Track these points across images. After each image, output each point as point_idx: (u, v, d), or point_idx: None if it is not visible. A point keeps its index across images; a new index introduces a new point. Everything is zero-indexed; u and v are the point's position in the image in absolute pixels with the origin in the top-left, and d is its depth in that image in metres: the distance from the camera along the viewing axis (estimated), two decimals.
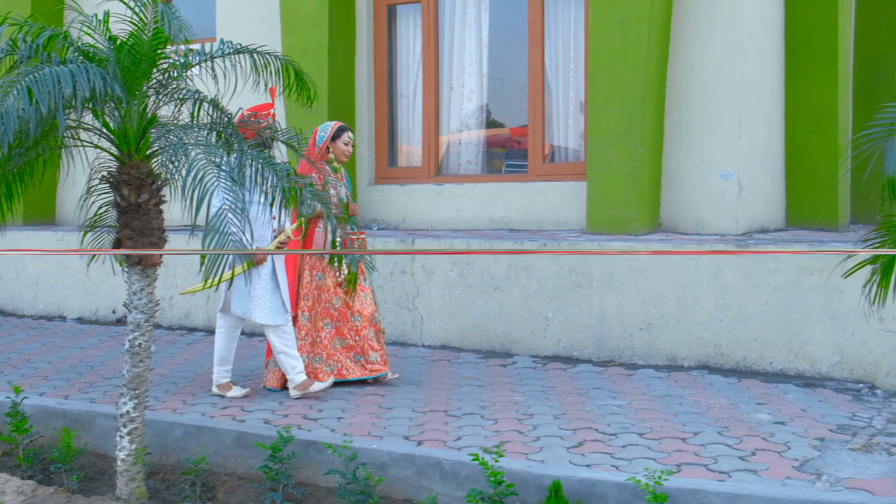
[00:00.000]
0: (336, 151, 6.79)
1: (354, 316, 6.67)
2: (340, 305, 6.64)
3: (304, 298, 6.69)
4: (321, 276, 6.66)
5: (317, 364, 6.67)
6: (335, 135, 6.77)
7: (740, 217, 7.96)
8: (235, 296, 6.36)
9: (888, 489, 4.45)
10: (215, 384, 6.52)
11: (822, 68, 8.63)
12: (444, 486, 4.88)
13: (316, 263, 6.67)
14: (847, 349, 6.58)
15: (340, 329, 6.66)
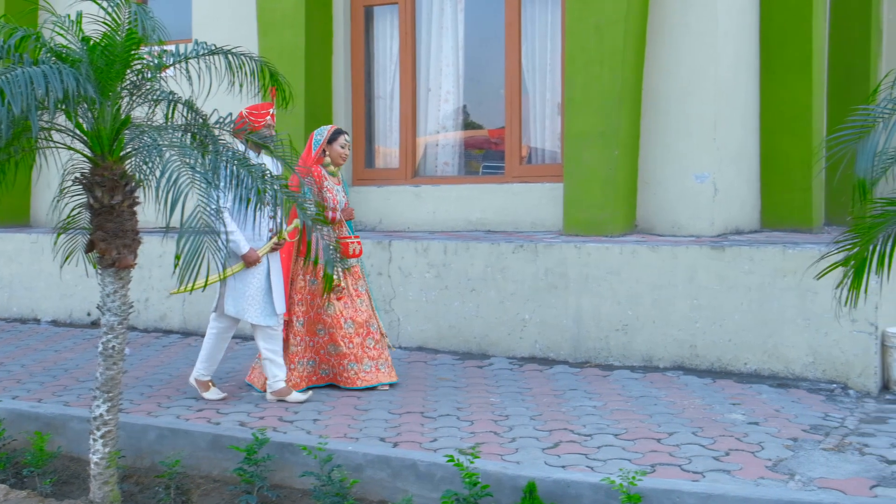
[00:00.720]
0: (332, 155, 6.75)
1: (347, 323, 6.62)
2: (334, 312, 6.59)
3: (299, 304, 6.66)
4: (314, 281, 6.62)
5: (311, 368, 6.66)
6: (331, 138, 6.74)
7: (716, 219, 8.00)
8: (229, 296, 6.31)
9: (860, 489, 4.49)
10: (193, 377, 6.48)
11: (797, 72, 8.69)
12: (419, 487, 4.88)
13: (309, 268, 6.62)
14: (820, 350, 6.63)
15: (334, 335, 6.59)
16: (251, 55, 5.29)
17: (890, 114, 3.80)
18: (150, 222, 5.51)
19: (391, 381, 6.72)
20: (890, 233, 3.97)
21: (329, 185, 6.71)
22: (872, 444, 5.21)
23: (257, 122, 6.26)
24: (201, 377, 6.48)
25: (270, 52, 9.01)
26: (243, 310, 6.28)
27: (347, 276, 6.70)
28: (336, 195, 6.73)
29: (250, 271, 6.26)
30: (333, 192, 6.71)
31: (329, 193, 6.67)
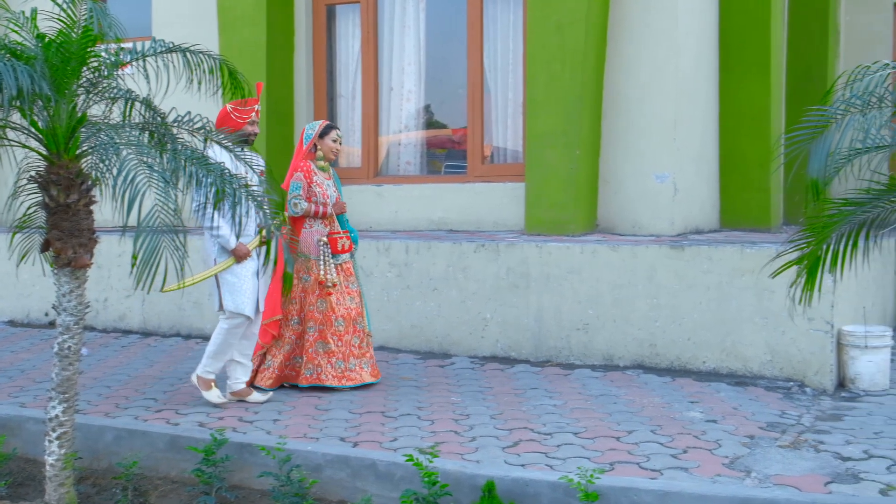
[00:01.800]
0: (324, 149, 6.70)
1: (338, 320, 6.57)
2: (325, 308, 6.54)
3: (292, 302, 6.61)
4: (307, 278, 6.58)
5: (297, 365, 6.62)
6: (322, 133, 6.69)
7: (676, 218, 8.06)
8: (226, 291, 6.18)
9: (815, 485, 4.55)
10: (197, 374, 6.28)
11: (755, 72, 8.78)
12: (378, 487, 4.87)
13: (302, 265, 6.59)
14: (778, 348, 6.70)
15: (324, 333, 6.55)
16: (210, 53, 5.25)
17: (843, 115, 3.85)
18: (108, 221, 5.44)
19: (374, 381, 6.71)
20: (843, 232, 4.03)
21: (319, 179, 6.64)
22: (828, 442, 5.27)
23: (242, 117, 6.20)
24: (207, 376, 6.26)
25: (231, 50, 8.96)
26: (242, 304, 6.17)
27: (339, 273, 6.64)
28: (326, 190, 6.66)
29: (243, 266, 6.16)
30: (324, 187, 6.64)
31: (319, 188, 6.61)
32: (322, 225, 6.66)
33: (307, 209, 6.58)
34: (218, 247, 6.14)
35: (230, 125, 6.18)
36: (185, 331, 8.91)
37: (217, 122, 6.19)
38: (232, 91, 5.46)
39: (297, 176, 6.60)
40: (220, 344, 6.26)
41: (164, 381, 6.98)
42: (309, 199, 6.59)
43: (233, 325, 6.24)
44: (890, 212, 3.91)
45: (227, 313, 6.22)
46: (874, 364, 6.49)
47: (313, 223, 6.64)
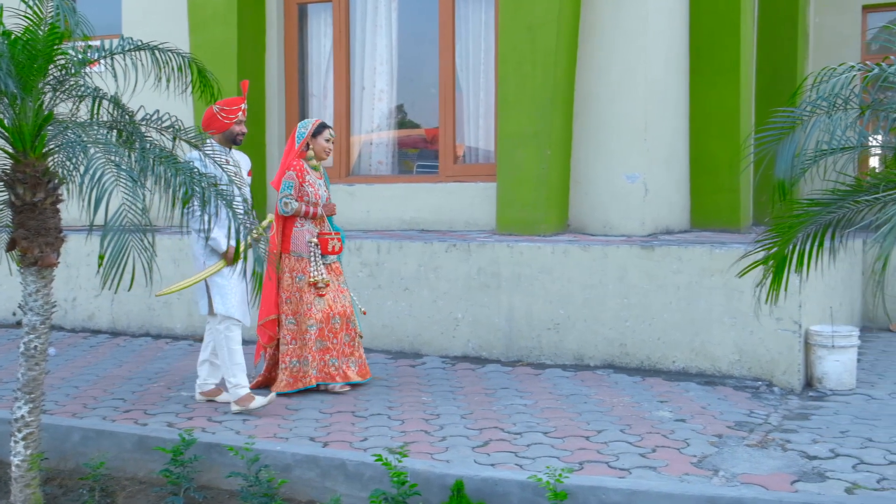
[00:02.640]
0: (316, 149, 6.62)
1: (334, 318, 6.53)
2: (323, 306, 6.49)
3: (288, 302, 6.52)
4: (301, 276, 6.49)
5: (304, 367, 6.48)
6: (315, 132, 6.61)
7: (646, 218, 8.10)
8: (217, 294, 6.07)
9: (781, 484, 4.58)
10: (233, 400, 6.03)
11: (725, 75, 8.84)
12: (348, 487, 4.86)
13: (295, 265, 6.50)
14: (746, 348, 6.75)
15: (322, 331, 6.49)
16: (178, 51, 5.22)
17: (809, 117, 3.89)
18: (76, 220, 5.40)
19: (363, 380, 6.66)
20: (809, 232, 4.06)
21: (311, 179, 6.57)
22: (795, 441, 5.32)
23: (229, 117, 6.11)
24: (240, 392, 6.01)
25: (202, 49, 8.91)
26: (233, 307, 6.06)
27: (330, 272, 6.59)
28: (318, 190, 6.59)
29: (232, 268, 6.03)
30: (315, 187, 6.57)
31: (311, 188, 6.53)
32: (312, 225, 6.58)
33: (298, 209, 6.49)
34: (208, 249, 6.02)
35: (217, 126, 6.10)
36: (154, 331, 8.85)
37: (203, 123, 6.12)
38: (201, 89, 5.42)
39: (290, 175, 6.50)
40: (228, 355, 6.07)
41: (133, 382, 6.93)
42: (300, 198, 6.50)
43: (225, 328, 6.09)
44: (855, 212, 3.95)
45: (218, 317, 6.10)
46: (841, 364, 6.55)
47: (304, 222, 6.55)
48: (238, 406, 5.98)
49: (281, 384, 6.49)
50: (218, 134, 6.14)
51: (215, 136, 6.12)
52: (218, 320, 6.10)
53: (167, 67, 5.12)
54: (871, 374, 7.01)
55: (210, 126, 6.10)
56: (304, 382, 6.47)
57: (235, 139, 6.21)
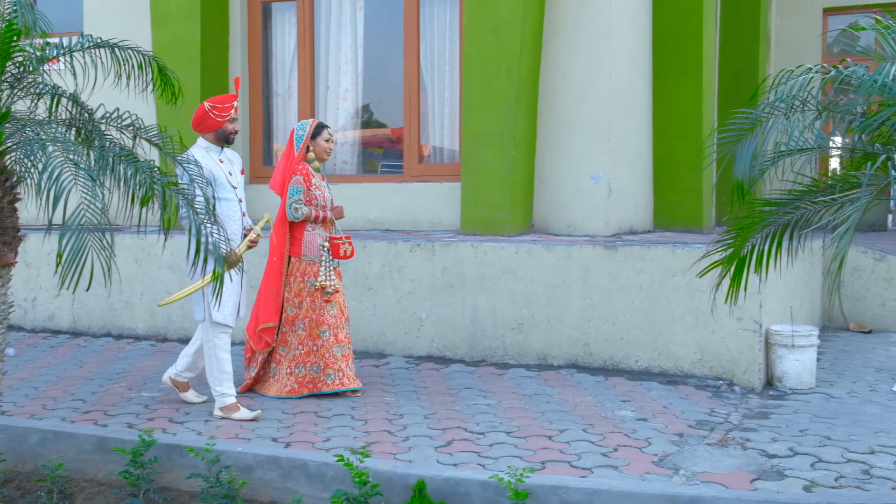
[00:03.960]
0: (317, 150, 6.47)
1: (346, 323, 6.45)
2: (335, 312, 6.37)
3: (299, 307, 6.37)
4: (313, 281, 6.35)
5: (314, 373, 6.34)
6: (315, 132, 6.46)
7: (610, 219, 8.15)
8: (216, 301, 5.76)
9: (740, 482, 4.62)
10: (218, 406, 5.93)
11: (688, 76, 8.92)
12: (309, 487, 4.84)
13: (307, 269, 6.37)
14: (708, 347, 6.80)
15: (338, 336, 6.36)
16: (138, 48, 5.18)
17: (767, 118, 3.92)
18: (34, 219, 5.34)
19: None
20: (768, 233, 4.10)
21: (317, 182, 6.43)
22: (754, 439, 5.36)
23: (221, 115, 5.96)
24: (227, 402, 5.91)
25: (164, 47, 8.86)
26: (228, 314, 5.91)
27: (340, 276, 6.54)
28: (324, 192, 6.46)
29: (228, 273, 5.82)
30: (322, 190, 6.44)
31: (318, 191, 6.40)
32: (322, 229, 6.46)
33: (308, 214, 6.34)
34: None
35: (209, 124, 5.96)
36: (116, 331, 8.77)
37: (194, 120, 5.99)
38: (162, 88, 5.38)
39: (297, 179, 6.33)
40: (217, 362, 5.94)
41: (94, 382, 6.86)
42: (308, 202, 6.36)
43: (216, 335, 5.96)
44: (813, 213, 3.99)
45: (210, 325, 5.94)
46: (801, 363, 6.62)
47: (315, 226, 6.42)
48: (222, 413, 5.90)
49: (284, 389, 6.37)
50: (210, 132, 6.00)
51: (207, 134, 6.00)
52: (209, 327, 5.96)
53: (127, 65, 5.07)
54: (830, 374, 7.09)
55: (201, 124, 5.97)
56: (311, 388, 6.33)
57: (228, 138, 6.04)
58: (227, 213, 5.91)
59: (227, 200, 5.92)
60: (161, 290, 8.52)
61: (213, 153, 5.99)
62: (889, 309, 8.98)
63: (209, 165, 5.84)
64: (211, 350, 5.95)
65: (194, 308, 6.03)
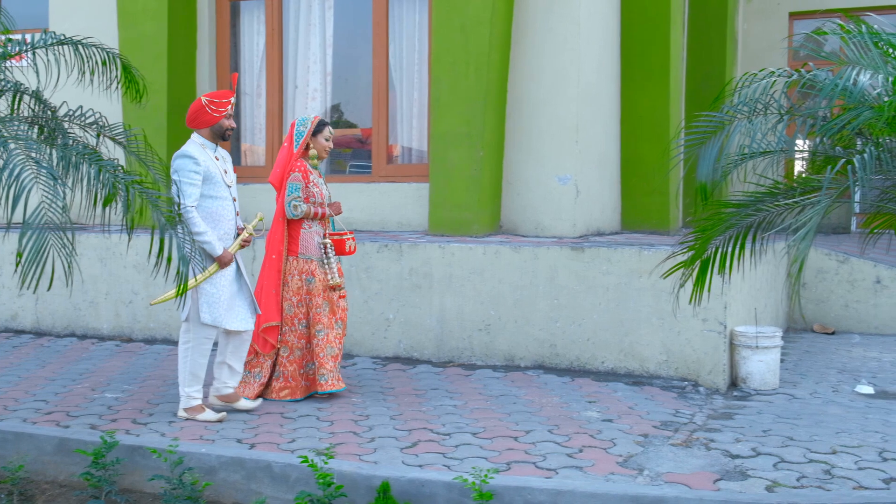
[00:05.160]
0: (317, 148, 6.39)
1: (338, 323, 6.34)
2: (328, 311, 6.28)
3: (298, 305, 6.27)
4: (311, 279, 6.27)
5: (310, 371, 6.31)
6: (316, 130, 6.37)
7: (577, 220, 8.17)
8: (204, 302, 5.73)
9: (704, 482, 4.65)
10: (182, 407, 5.83)
11: (655, 78, 8.97)
12: (273, 489, 4.82)
13: (304, 267, 6.28)
14: (673, 348, 6.84)
15: (329, 336, 6.28)
16: (102, 46, 5.14)
17: (730, 121, 3.95)
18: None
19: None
20: (731, 235, 4.13)
21: (315, 179, 6.35)
22: (718, 440, 5.40)
23: (218, 110, 5.82)
24: (191, 403, 5.81)
25: (131, 45, 8.79)
26: (220, 317, 5.75)
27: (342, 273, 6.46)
28: (322, 189, 6.40)
29: (221, 274, 5.78)
30: (320, 187, 6.38)
31: (316, 188, 6.32)
32: (320, 226, 6.38)
33: (307, 211, 6.26)
34: (199, 253, 5.69)
35: (205, 119, 5.82)
36: (80, 331, 8.68)
37: (190, 115, 5.86)
38: (126, 86, 5.34)
39: (295, 177, 6.26)
40: (192, 364, 5.81)
41: (57, 383, 6.79)
42: (307, 199, 6.28)
43: (200, 337, 5.81)
44: (775, 215, 4.02)
45: (194, 325, 5.78)
46: (765, 364, 6.67)
47: (312, 224, 6.33)
48: (186, 414, 5.83)
49: (283, 392, 6.30)
50: (206, 128, 5.86)
51: (203, 130, 5.87)
52: (191, 328, 5.83)
53: (91, 62, 5.03)
54: (793, 374, 7.15)
55: (197, 119, 5.84)
56: (304, 391, 6.31)
57: (224, 134, 5.92)
58: (220, 211, 5.82)
59: (220, 199, 5.82)
60: (126, 289, 8.45)
61: (209, 150, 5.86)
62: (852, 310, 9.08)
63: (205, 162, 5.74)
64: (189, 351, 5.82)
65: (185, 310, 5.85)
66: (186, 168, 5.65)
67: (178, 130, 9.22)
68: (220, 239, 5.79)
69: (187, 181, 5.62)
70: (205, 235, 5.66)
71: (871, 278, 9.01)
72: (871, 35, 3.89)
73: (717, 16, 10.30)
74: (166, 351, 7.98)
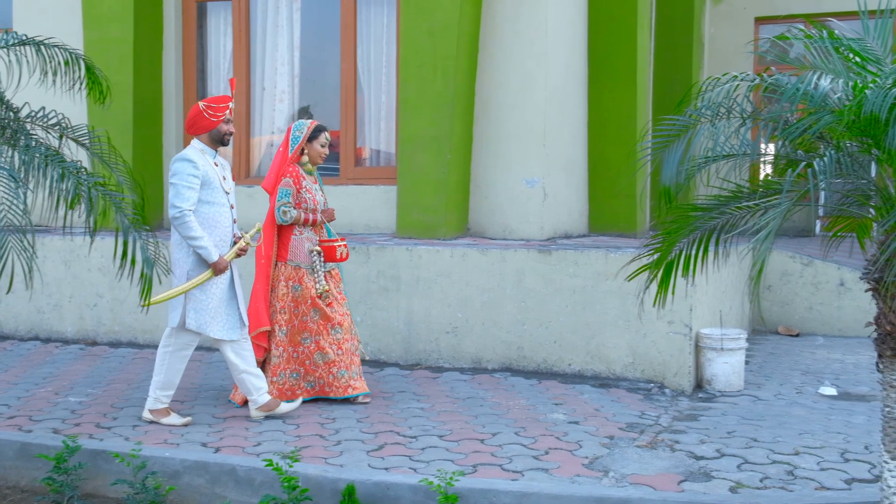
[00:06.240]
0: (312, 153, 6.33)
1: (335, 329, 6.23)
2: (319, 318, 6.20)
3: (281, 312, 6.21)
4: (298, 286, 6.21)
5: (293, 380, 6.23)
6: (312, 135, 6.31)
7: (545, 223, 8.19)
8: (192, 308, 5.64)
9: (668, 484, 4.68)
10: (148, 408, 5.78)
11: (622, 82, 9.02)
12: (238, 493, 4.80)
13: (292, 274, 6.22)
14: (639, 350, 6.87)
15: (320, 343, 6.20)
16: (65, 46, 5.09)
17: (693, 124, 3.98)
18: None
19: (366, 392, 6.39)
20: (695, 237, 4.16)
21: (307, 184, 6.28)
22: (683, 441, 5.43)
23: (217, 115, 5.77)
24: (158, 406, 5.76)
25: (96, 46, 8.72)
26: (206, 324, 5.65)
27: (329, 280, 6.33)
28: (315, 195, 6.33)
29: (213, 281, 5.70)
30: (313, 193, 6.31)
31: (308, 194, 6.26)
32: (312, 232, 6.32)
33: (297, 217, 6.20)
34: (194, 258, 5.65)
35: (203, 124, 5.77)
36: (44, 334, 8.60)
37: (189, 121, 5.81)
38: (90, 87, 5.29)
39: (286, 182, 6.20)
40: (168, 369, 5.75)
41: (19, 387, 6.72)
42: (298, 205, 6.24)
43: (181, 343, 5.75)
44: (738, 218, 4.05)
45: (176, 330, 5.72)
46: (729, 365, 6.72)
47: (303, 230, 6.27)
48: (151, 416, 5.78)
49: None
50: (204, 133, 5.81)
51: (202, 136, 5.81)
52: (174, 334, 5.76)
53: (53, 63, 4.98)
54: (758, 376, 7.21)
55: (195, 125, 5.78)
56: (290, 395, 6.22)
57: (223, 139, 5.86)
58: (217, 217, 5.74)
59: (218, 205, 5.75)
60: (91, 292, 8.38)
61: (209, 156, 5.80)
62: (816, 313, 9.17)
63: (204, 167, 5.69)
64: (168, 356, 5.75)
65: (170, 315, 5.76)
66: (185, 171, 5.60)
67: (144, 132, 9.17)
68: (216, 245, 5.71)
69: (185, 184, 5.57)
70: (201, 241, 5.59)
71: (835, 281, 9.11)
72: (833, 40, 3.93)
73: (684, 20, 10.37)
74: (131, 354, 7.92)
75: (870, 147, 3.71)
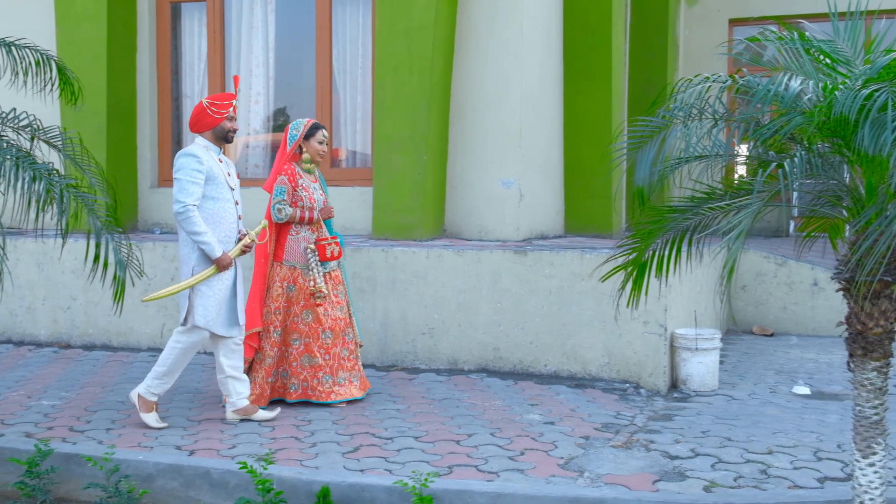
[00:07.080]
0: (310, 151, 6.30)
1: (325, 332, 6.21)
2: (311, 320, 6.18)
3: (276, 313, 6.19)
4: (292, 287, 6.19)
5: (283, 379, 6.24)
6: (308, 133, 6.28)
7: (521, 224, 8.21)
8: (199, 305, 5.63)
9: (643, 483, 4.70)
10: (138, 392, 5.75)
11: (597, 83, 9.05)
12: (212, 495, 4.77)
13: (287, 275, 6.20)
14: (615, 351, 6.89)
15: (310, 346, 6.18)
16: (36, 47, 5.06)
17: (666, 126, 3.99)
18: None
19: (361, 396, 6.39)
20: (668, 238, 4.17)
21: (304, 183, 6.25)
22: (658, 441, 5.45)
23: (220, 112, 5.73)
24: (150, 398, 5.75)
25: (69, 47, 8.66)
26: (213, 320, 5.66)
27: (328, 281, 6.29)
28: (312, 194, 6.28)
29: (219, 277, 5.67)
30: (310, 191, 6.27)
31: (305, 192, 6.23)
32: (309, 231, 6.27)
33: (292, 215, 6.18)
34: (198, 254, 5.62)
35: (207, 122, 5.73)
36: (16, 337, 8.52)
37: (192, 119, 5.77)
38: (62, 88, 5.25)
39: (281, 180, 6.19)
40: (172, 363, 5.72)
41: None
42: (294, 203, 6.21)
43: (191, 341, 5.71)
44: (711, 219, 4.07)
45: (187, 328, 5.68)
46: (704, 365, 6.76)
47: (300, 229, 6.25)
48: (135, 401, 5.77)
49: (252, 396, 6.16)
50: (208, 130, 5.77)
51: (205, 133, 5.77)
52: (185, 331, 5.71)
53: (24, 63, 4.94)
54: (732, 376, 7.25)
55: (199, 122, 5.75)
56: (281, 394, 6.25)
57: (227, 136, 5.82)
58: (222, 213, 5.72)
59: (223, 200, 5.72)
60: (64, 295, 8.32)
61: (213, 152, 5.78)
62: (790, 312, 9.24)
63: (209, 162, 5.66)
64: (176, 351, 5.72)
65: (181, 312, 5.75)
66: (189, 166, 5.58)
67: (119, 133, 9.11)
68: (221, 241, 5.69)
69: (189, 179, 5.54)
70: (204, 236, 5.57)
71: (809, 281, 9.17)
72: (803, 42, 3.96)
73: (659, 22, 10.43)
74: (105, 357, 7.87)
75: (840, 148, 3.74)
